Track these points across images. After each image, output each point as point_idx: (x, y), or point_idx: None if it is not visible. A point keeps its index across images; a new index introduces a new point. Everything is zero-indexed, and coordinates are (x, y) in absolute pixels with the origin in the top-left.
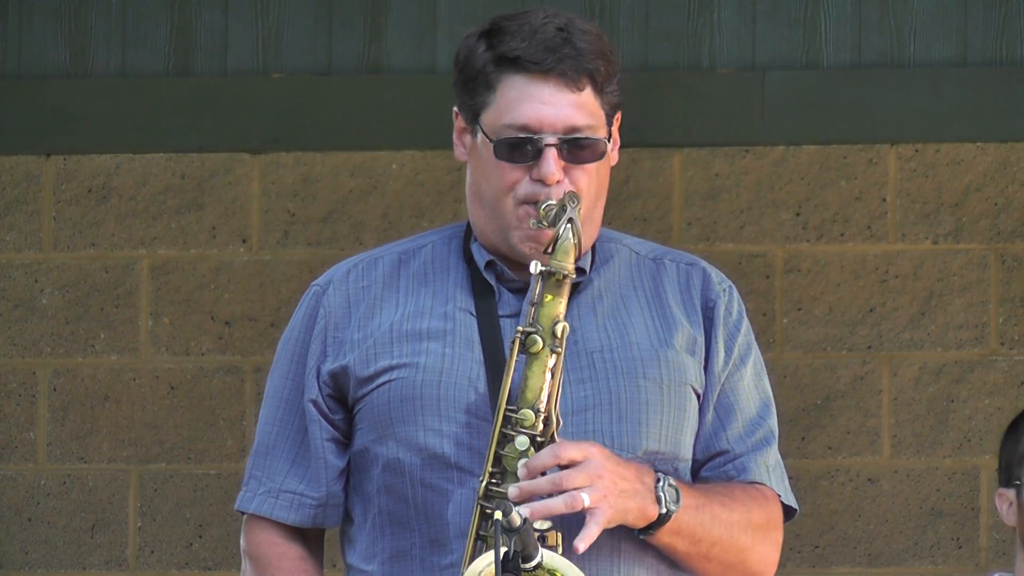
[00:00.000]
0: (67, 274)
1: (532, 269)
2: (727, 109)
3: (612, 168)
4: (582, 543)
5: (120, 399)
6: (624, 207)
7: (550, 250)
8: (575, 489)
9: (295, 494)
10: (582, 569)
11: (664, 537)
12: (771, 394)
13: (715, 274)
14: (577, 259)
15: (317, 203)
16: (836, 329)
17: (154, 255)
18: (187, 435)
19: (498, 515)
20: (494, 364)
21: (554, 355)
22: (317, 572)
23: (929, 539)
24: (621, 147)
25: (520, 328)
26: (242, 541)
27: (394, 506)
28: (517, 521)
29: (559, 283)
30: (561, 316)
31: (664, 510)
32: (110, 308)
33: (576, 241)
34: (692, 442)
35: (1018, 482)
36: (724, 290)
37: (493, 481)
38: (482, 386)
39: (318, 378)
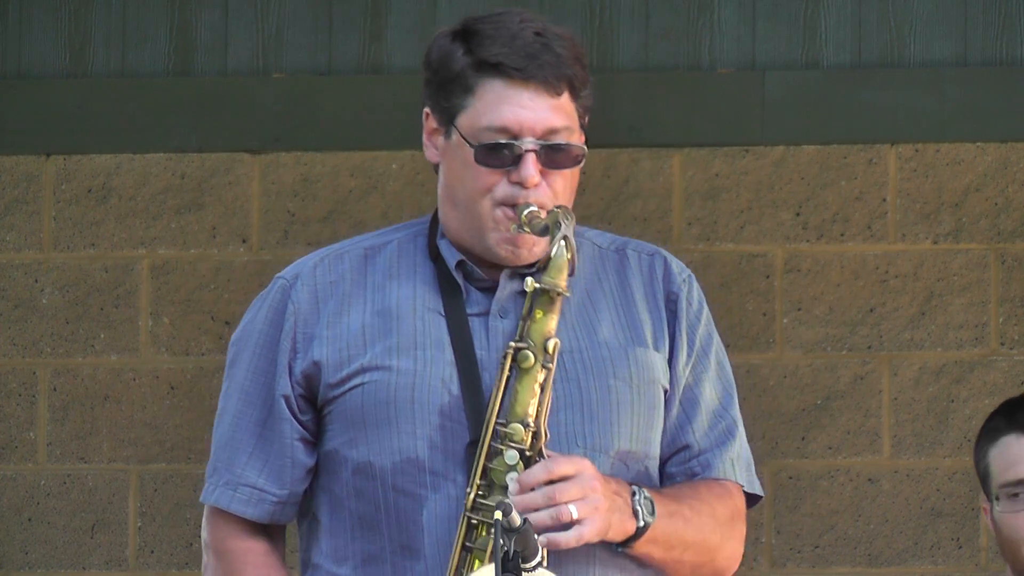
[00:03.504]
0: (67, 274)
1: (526, 286)
2: (727, 109)
3: (613, 168)
4: (559, 544)
5: (120, 399)
6: (624, 207)
7: (543, 267)
8: (567, 503)
9: (254, 488)
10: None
11: (641, 547)
12: (733, 381)
13: (675, 264)
14: (570, 275)
15: (317, 203)
16: (836, 329)
17: (154, 255)
18: (187, 435)
19: (498, 515)
20: (465, 365)
21: (544, 370)
22: (281, 566)
23: (929, 539)
24: (621, 147)
25: (512, 343)
26: (204, 533)
27: (364, 509)
28: (517, 521)
29: (552, 300)
30: (552, 332)
31: (642, 523)
32: (110, 308)
33: (570, 258)
34: (660, 438)
35: (995, 498)
36: (684, 280)
37: (480, 493)
38: (455, 388)
39: (290, 376)
